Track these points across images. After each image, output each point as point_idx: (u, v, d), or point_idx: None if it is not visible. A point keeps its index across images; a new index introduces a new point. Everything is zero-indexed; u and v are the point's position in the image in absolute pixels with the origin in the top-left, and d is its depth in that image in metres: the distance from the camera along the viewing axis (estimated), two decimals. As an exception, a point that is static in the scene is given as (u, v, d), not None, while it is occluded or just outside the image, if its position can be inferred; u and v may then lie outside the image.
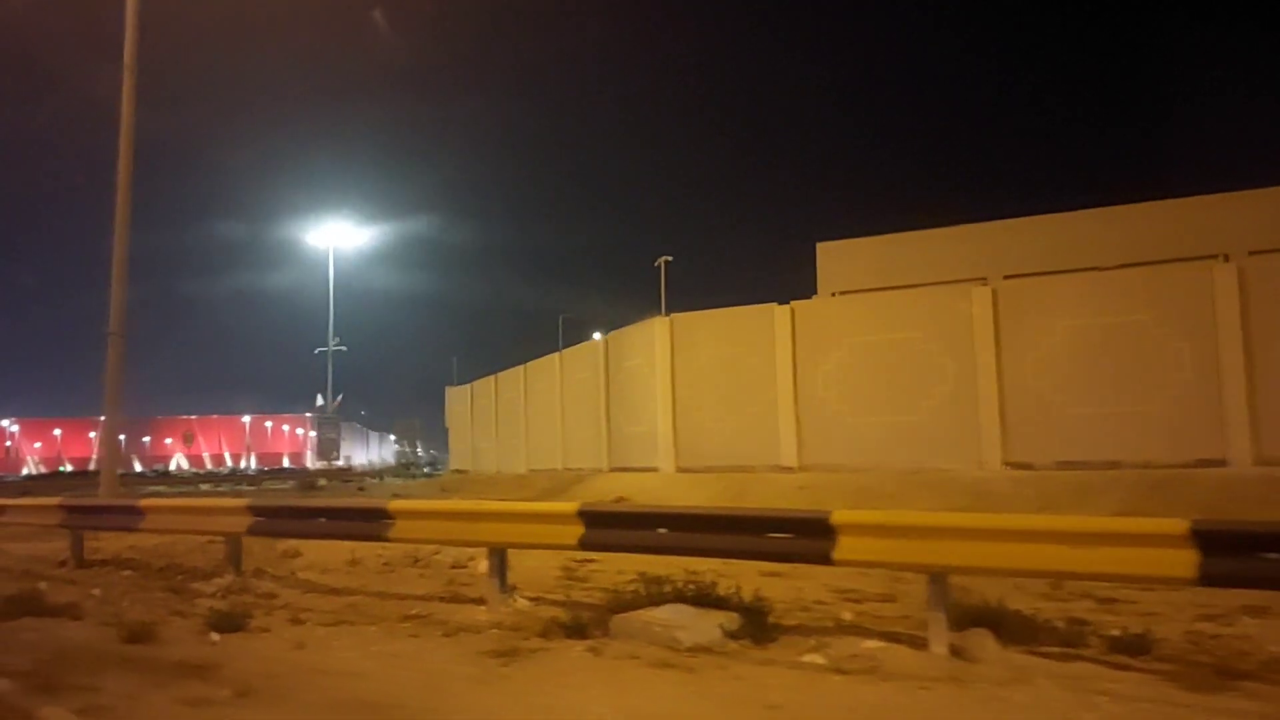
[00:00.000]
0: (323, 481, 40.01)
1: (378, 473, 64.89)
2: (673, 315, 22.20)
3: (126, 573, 10.08)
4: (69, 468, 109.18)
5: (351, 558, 10.00)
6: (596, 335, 59.60)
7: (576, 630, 5.76)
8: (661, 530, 5.91)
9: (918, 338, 19.03)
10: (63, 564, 10.99)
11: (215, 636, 6.37)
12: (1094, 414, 17.35)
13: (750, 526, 5.70)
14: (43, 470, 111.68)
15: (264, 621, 6.81)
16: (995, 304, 18.33)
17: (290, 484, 50.65)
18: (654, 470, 22.11)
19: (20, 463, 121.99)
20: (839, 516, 5.18)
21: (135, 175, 17.80)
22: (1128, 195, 24.03)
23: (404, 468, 77.29)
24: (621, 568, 8.60)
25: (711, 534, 5.83)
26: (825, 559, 5.21)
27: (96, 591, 8.61)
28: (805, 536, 5.39)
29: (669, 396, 21.80)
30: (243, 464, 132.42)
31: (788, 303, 21.31)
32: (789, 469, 20.04)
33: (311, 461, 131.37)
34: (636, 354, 23.21)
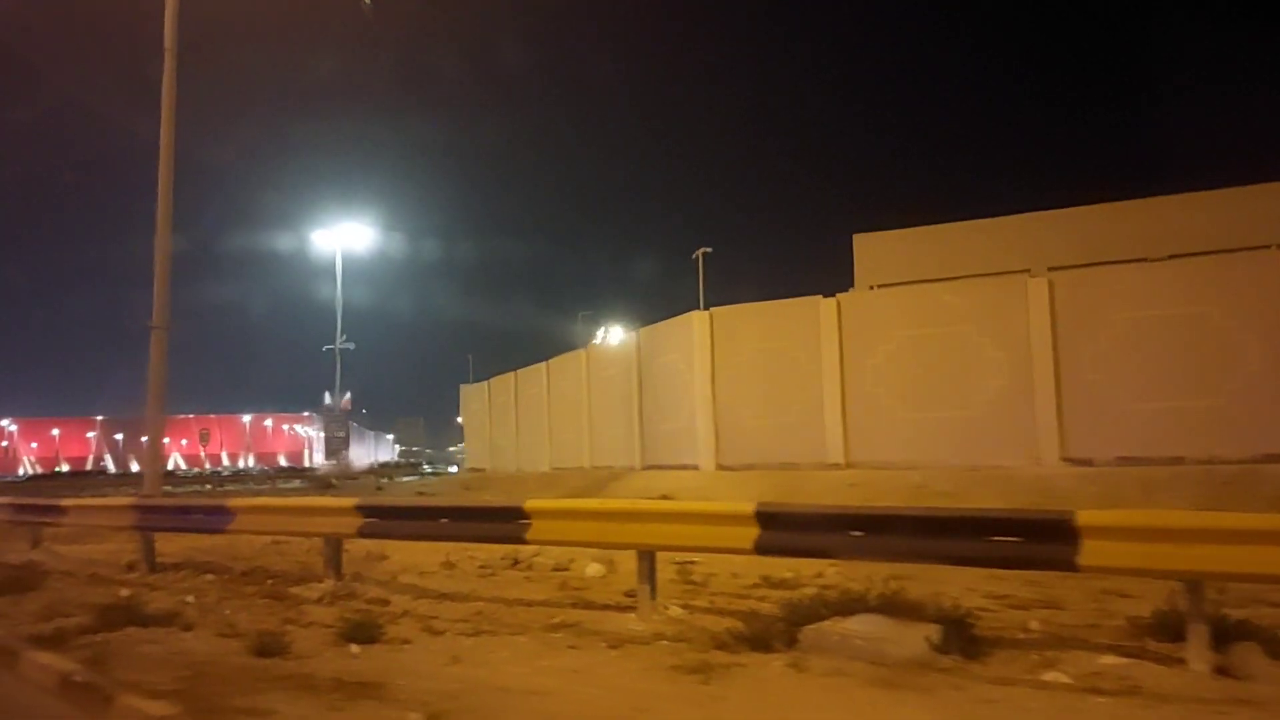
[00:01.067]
0: (334, 481, 39.42)
1: (385, 472, 64.24)
2: (712, 309, 21.70)
3: (208, 577, 9.56)
4: (66, 467, 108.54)
5: (445, 560, 9.51)
6: (600, 334, 59.22)
7: (758, 643, 5.29)
8: (856, 533, 5.44)
9: (970, 330, 18.61)
10: (131, 568, 10.45)
11: (355, 649, 5.89)
12: (1156, 408, 16.95)
13: (968, 529, 5.23)
14: (39, 470, 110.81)
15: (398, 632, 6.31)
16: (1051, 296, 17.92)
17: (297, 483, 50.17)
18: (692, 468, 21.65)
19: (16, 462, 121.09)
20: (1085, 518, 4.71)
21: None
22: (1175, 185, 23.37)
23: (412, 466, 76.83)
24: (735, 569, 8.18)
25: (919, 538, 5.34)
26: (1068, 565, 4.75)
27: (191, 599, 8.10)
28: (1041, 540, 4.92)
29: (708, 392, 21.33)
30: (240, 463, 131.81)
31: (829, 295, 20.98)
32: (836, 466, 19.61)
33: (309, 460, 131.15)
34: (672, 349, 22.74)
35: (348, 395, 56.26)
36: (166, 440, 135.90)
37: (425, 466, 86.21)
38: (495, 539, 7.61)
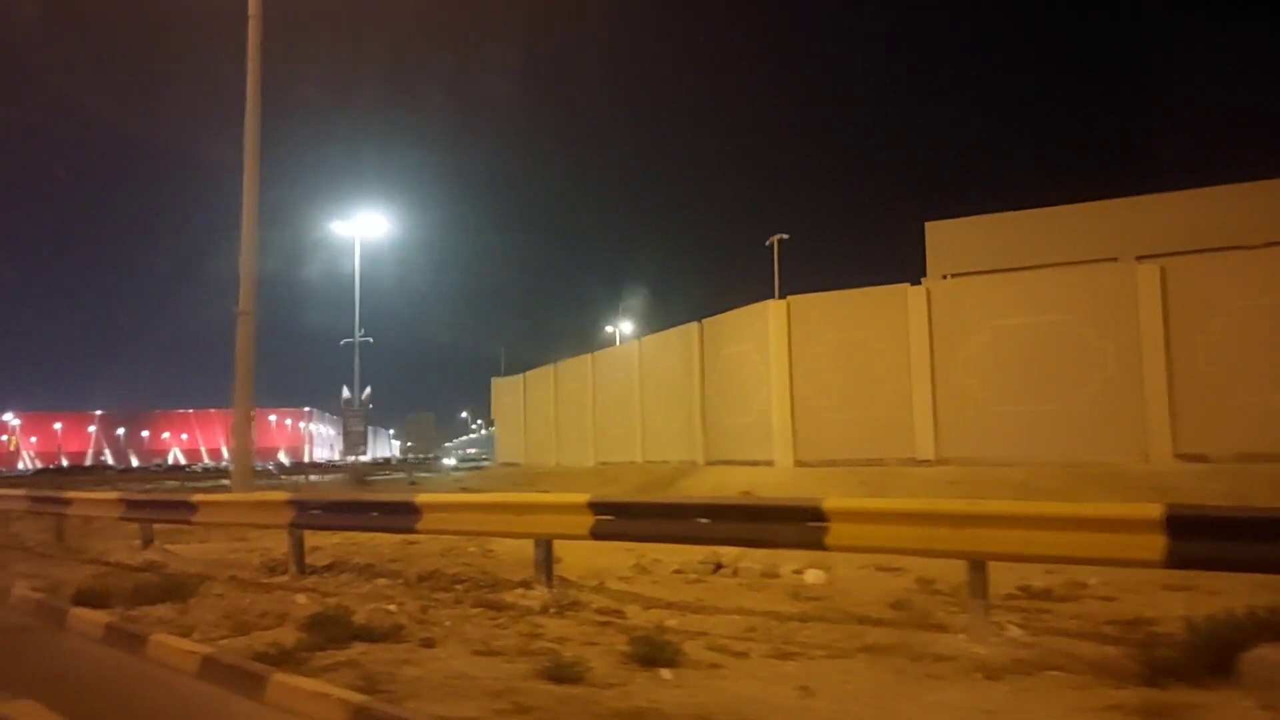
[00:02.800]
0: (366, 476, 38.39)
1: (405, 466, 63.09)
2: (789, 297, 20.71)
3: (380, 581, 8.53)
4: (65, 463, 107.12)
5: (636, 564, 8.52)
6: (617, 330, 58.05)
7: (1182, 673, 4.31)
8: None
9: (1072, 320, 17.67)
10: (271, 569, 9.47)
11: (666, 674, 4.91)
12: (1278, 402, 16.05)
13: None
14: (39, 465, 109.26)
15: (694, 653, 5.33)
16: (1163, 283, 16.99)
17: (314, 477, 49.03)
18: (765, 464, 20.68)
19: (16, 457, 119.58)
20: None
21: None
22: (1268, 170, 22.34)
23: (420, 462, 75.82)
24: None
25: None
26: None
27: (393, 608, 7.10)
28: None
29: (785, 385, 20.36)
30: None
31: (898, 284, 20.04)
32: (925, 462, 18.66)
33: (308, 455, 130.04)
34: (743, 339, 21.76)
35: (368, 389, 55.10)
36: (166, 435, 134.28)
37: (446, 460, 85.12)
38: (775, 543, 6.51)
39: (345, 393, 50.28)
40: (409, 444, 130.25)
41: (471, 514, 8.09)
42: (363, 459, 55.02)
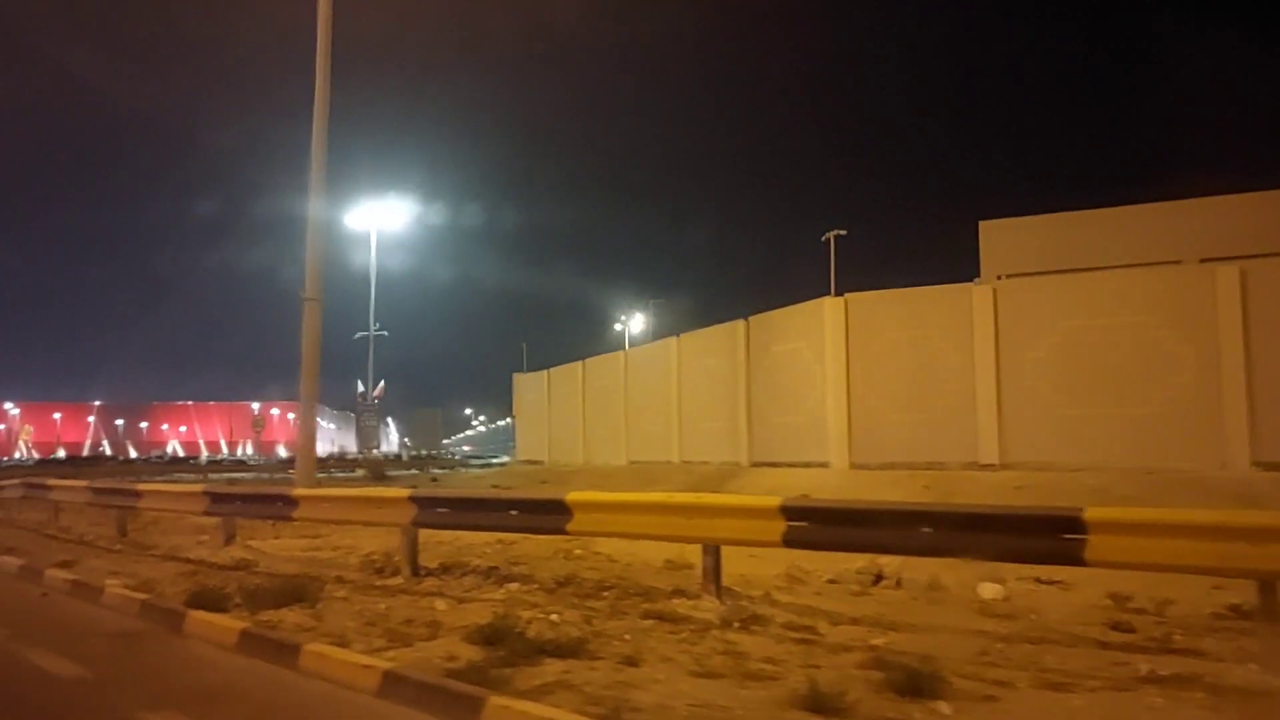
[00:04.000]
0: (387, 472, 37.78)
1: (416, 462, 62.38)
2: (847, 295, 20.18)
3: (514, 586, 7.93)
4: (63, 454, 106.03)
5: (785, 572, 7.95)
6: (621, 322, 57.24)
7: None
8: None
9: (1148, 322, 17.16)
10: (379, 570, 8.86)
11: (945, 708, 4.35)
12: (1365, 410, 15.58)
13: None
14: (37, 456, 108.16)
15: (955, 683, 4.71)
16: (1244, 285, 16.50)
17: (359, 472, 48.33)
18: (819, 466, 20.17)
19: (12, 448, 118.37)
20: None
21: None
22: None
23: (427, 458, 75.21)
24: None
25: None
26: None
27: (555, 618, 6.53)
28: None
29: (841, 384, 19.83)
30: (239, 452, 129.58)
31: (949, 283, 19.55)
32: (989, 466, 18.15)
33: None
34: (795, 337, 21.22)
35: (381, 383, 54.49)
36: (165, 427, 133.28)
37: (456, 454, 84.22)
38: (1023, 557, 5.94)
39: (360, 386, 49.73)
40: (406, 440, 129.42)
41: (632, 516, 7.46)
42: (377, 452, 54.43)
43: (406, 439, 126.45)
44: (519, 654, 5.23)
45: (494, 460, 77.38)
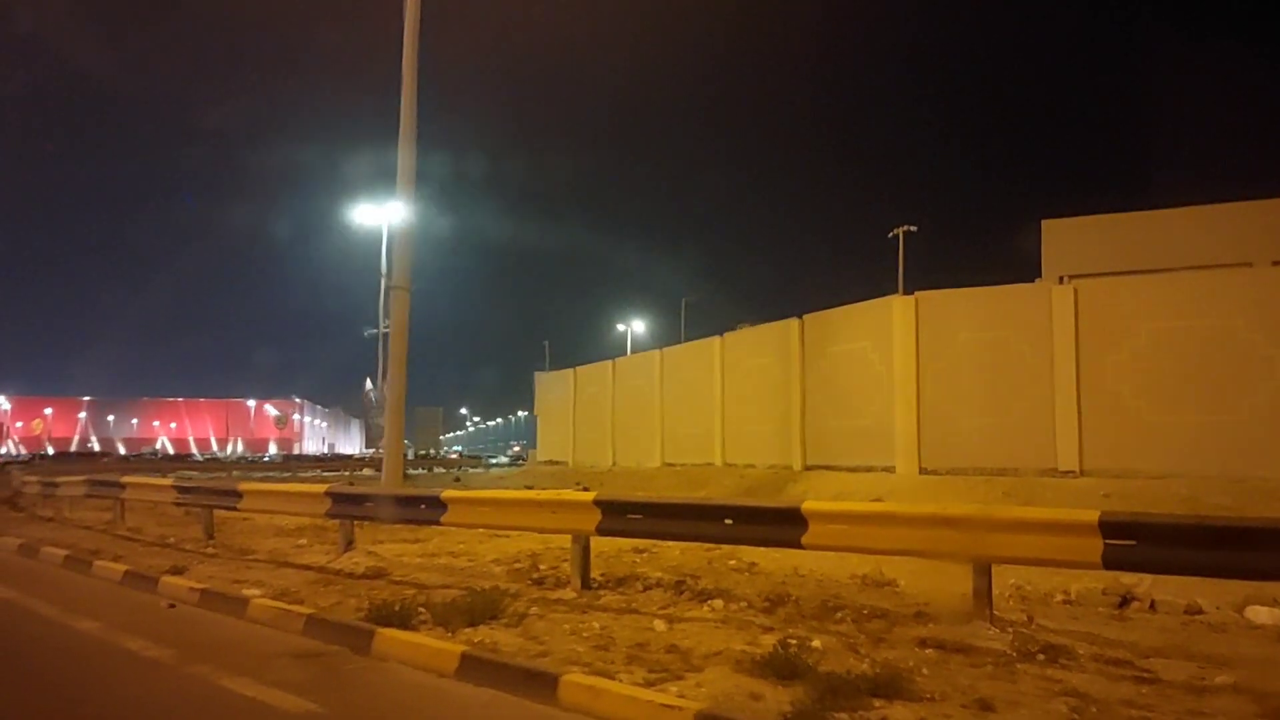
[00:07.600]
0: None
1: (423, 462, 61.40)
2: (917, 293, 19.57)
3: (716, 603, 7.12)
4: (50, 450, 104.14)
5: (1009, 592, 7.23)
6: (620, 326, 56.48)
7: None
8: None
9: (1239, 325, 16.63)
10: (539, 581, 8.01)
11: None
12: None
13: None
14: (24, 451, 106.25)
15: None
16: (1342, 289, 16.01)
17: (369, 471, 47.34)
18: (883, 471, 19.53)
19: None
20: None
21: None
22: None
23: (429, 457, 74.20)
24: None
25: None
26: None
27: (817, 643, 5.77)
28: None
29: (911, 386, 19.21)
30: (229, 449, 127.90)
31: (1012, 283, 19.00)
32: (1068, 473, 17.56)
33: (299, 447, 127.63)
34: (859, 336, 20.60)
35: (383, 383, 53.46)
36: (156, 423, 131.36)
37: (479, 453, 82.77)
38: (1256, 573, 5.16)
39: (368, 384, 48.85)
40: (407, 439, 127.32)
41: (889, 529, 6.53)
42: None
43: (407, 438, 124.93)
44: (838, 693, 4.47)
45: (494, 461, 76.43)
